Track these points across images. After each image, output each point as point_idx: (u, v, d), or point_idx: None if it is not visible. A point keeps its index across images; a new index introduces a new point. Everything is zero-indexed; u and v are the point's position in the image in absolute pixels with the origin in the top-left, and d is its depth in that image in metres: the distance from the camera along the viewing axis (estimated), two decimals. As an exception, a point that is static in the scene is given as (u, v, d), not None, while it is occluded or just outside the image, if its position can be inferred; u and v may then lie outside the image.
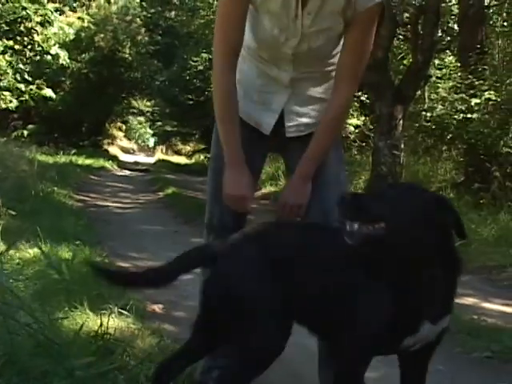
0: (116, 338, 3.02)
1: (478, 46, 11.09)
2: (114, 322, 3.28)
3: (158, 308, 4.26)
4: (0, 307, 2.54)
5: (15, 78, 19.30)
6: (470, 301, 5.27)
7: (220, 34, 2.46)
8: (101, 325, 2.97)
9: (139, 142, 49.10)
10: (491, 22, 12.69)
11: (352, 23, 2.37)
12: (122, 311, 3.50)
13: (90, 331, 3.01)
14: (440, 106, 11.65)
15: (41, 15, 19.78)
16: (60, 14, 21.93)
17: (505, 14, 12.88)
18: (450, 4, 13.20)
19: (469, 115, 10.14)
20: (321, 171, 2.53)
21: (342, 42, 2.47)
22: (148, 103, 32.84)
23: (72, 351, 2.55)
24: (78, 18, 24.54)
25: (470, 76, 10.46)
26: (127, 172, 20.97)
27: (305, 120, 2.57)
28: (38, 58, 20.24)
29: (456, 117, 10.48)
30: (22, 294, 3.10)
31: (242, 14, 2.39)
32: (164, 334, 3.42)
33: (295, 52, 2.43)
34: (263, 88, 2.56)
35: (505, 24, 12.86)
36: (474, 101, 10.12)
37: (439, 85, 13.22)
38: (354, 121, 14.71)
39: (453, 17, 13.35)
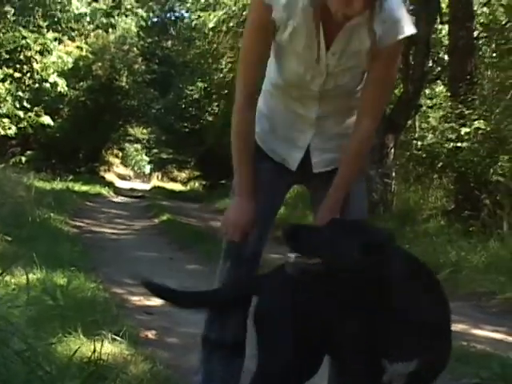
0: (109, 364, 3.02)
1: (468, 76, 11.17)
2: (108, 348, 3.27)
3: (151, 334, 4.25)
4: (-5, 334, 2.55)
5: (14, 105, 19.37)
6: (459, 327, 5.25)
7: (241, 70, 2.48)
8: (94, 351, 2.96)
9: (135, 168, 49.23)
10: (480, 53, 12.79)
11: (375, 58, 2.33)
12: (116, 337, 3.49)
13: (83, 357, 3.00)
14: (431, 135, 11.71)
15: (40, 44, 19.90)
16: (59, 43, 22.03)
17: (494, 46, 12.98)
18: (440, 35, 13.32)
19: (459, 144, 10.18)
20: (346, 204, 2.51)
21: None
22: (144, 131, 32.94)
23: (65, 377, 2.55)
24: (77, 47, 24.64)
25: (460, 105, 10.53)
26: (123, 198, 20.97)
27: (330, 155, 2.55)
28: (37, 85, 20.32)
29: (446, 145, 10.53)
30: (17, 320, 3.08)
31: (265, 50, 2.40)
32: (157, 360, 3.40)
33: (321, 90, 2.42)
34: (290, 125, 2.55)
35: (494, 55, 12.96)
36: (464, 130, 10.17)
37: (430, 114, 13.31)
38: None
39: (443, 48, 13.45)
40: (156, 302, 5.42)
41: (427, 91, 14.26)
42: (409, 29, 2.31)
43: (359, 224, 2.23)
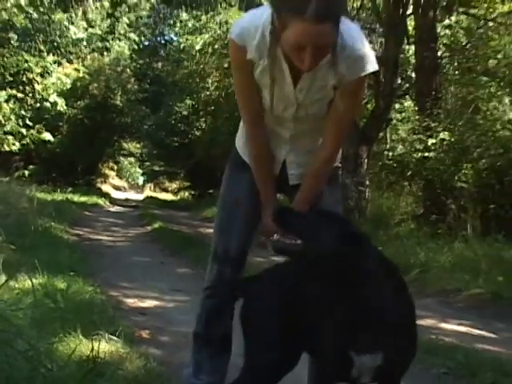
0: (106, 362, 3.01)
1: (433, 92, 11.27)
2: (105, 347, 3.26)
3: (144, 333, 4.23)
4: (0, 335, 2.53)
5: (18, 124, 19.37)
6: (428, 322, 5.28)
7: (240, 102, 2.50)
8: (92, 349, 2.95)
9: (129, 180, 49.02)
10: (444, 71, 12.88)
11: (340, 92, 2.34)
12: (112, 337, 3.47)
13: (82, 355, 2.99)
14: (400, 146, 11.78)
15: (41, 67, 19.93)
16: (58, 66, 22.03)
17: (456, 64, 13.09)
18: (407, 55, 13.40)
19: (426, 154, 10.24)
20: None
21: None
22: (137, 145, 32.85)
23: (66, 374, 2.54)
24: (75, 69, 24.63)
25: (426, 119, 10.60)
26: (118, 208, 20.89)
27: (304, 169, 2.56)
28: (38, 105, 20.32)
29: (415, 155, 10.58)
30: (20, 322, 3.07)
31: (251, 81, 2.40)
32: (150, 358, 3.39)
33: (294, 116, 2.44)
34: (270, 141, 2.57)
35: (456, 73, 13.07)
36: (431, 141, 10.23)
37: (399, 127, 13.39)
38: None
39: (410, 66, 13.54)
40: (149, 303, 5.44)
41: (397, 106, 14.31)
42: (371, 66, 2.30)
43: (340, 216, 2.27)
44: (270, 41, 2.23)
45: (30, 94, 20.14)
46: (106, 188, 30.14)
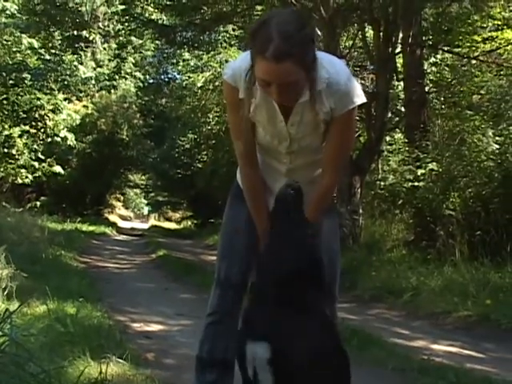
0: (114, 383, 3.00)
1: (422, 125, 11.31)
2: (112, 369, 3.25)
3: (150, 356, 4.21)
4: (12, 359, 2.52)
5: (30, 157, 19.42)
6: (420, 343, 5.27)
7: (234, 140, 2.50)
8: (100, 372, 2.95)
9: (135, 210, 48.95)
10: (432, 105, 12.95)
11: (332, 125, 2.32)
12: (119, 360, 3.46)
13: (91, 378, 2.98)
14: (391, 176, 11.77)
15: (52, 104, 20.06)
16: (68, 103, 22.16)
17: (442, 99, 13.18)
18: (397, 90, 13.49)
19: (416, 183, 10.25)
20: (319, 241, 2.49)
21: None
22: (143, 177, 32.91)
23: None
24: (84, 106, 24.81)
25: (415, 150, 10.63)
26: (125, 237, 20.87)
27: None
28: (50, 139, 20.40)
29: (405, 185, 10.59)
30: (32, 346, 3.06)
31: (246, 122, 2.39)
32: (156, 379, 3.37)
33: (289, 150, 2.45)
34: (266, 175, 2.57)
35: (443, 107, 13.15)
36: (420, 171, 10.25)
37: (390, 158, 13.39)
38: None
39: (400, 101, 13.61)
40: (154, 327, 5.42)
41: (387, 138, 14.34)
42: (359, 99, 2.30)
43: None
44: (249, 79, 2.23)
45: (42, 130, 20.23)
46: (112, 218, 30.10)
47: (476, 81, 12.51)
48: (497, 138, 10.23)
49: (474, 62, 12.33)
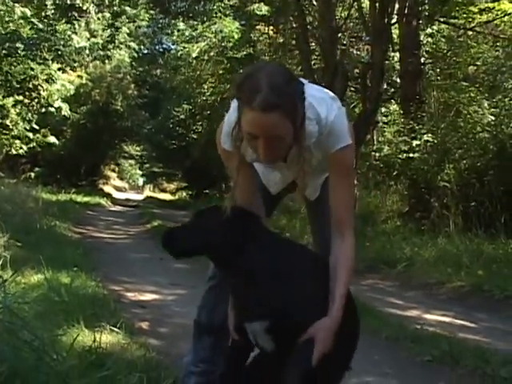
0: (108, 352, 2.99)
1: (417, 96, 11.29)
2: (106, 338, 3.24)
3: (144, 325, 4.22)
4: (7, 327, 2.52)
5: (25, 128, 19.28)
6: (413, 313, 5.30)
7: (232, 182, 2.29)
8: (94, 340, 2.95)
9: (130, 181, 49.00)
10: (427, 77, 12.90)
11: (331, 163, 2.20)
12: (113, 328, 3.46)
13: (85, 346, 2.98)
14: (387, 147, 11.78)
15: (46, 74, 19.85)
16: (62, 73, 21.91)
17: (438, 70, 13.12)
18: (392, 61, 13.41)
19: (411, 155, 10.26)
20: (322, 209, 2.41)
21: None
22: (137, 148, 32.81)
23: (69, 363, 2.53)
24: (78, 76, 24.56)
25: (411, 122, 10.62)
26: (119, 208, 20.87)
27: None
28: (44, 110, 20.21)
29: (400, 156, 10.60)
30: (26, 315, 3.05)
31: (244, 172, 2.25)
32: (150, 348, 3.37)
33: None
34: (264, 178, 2.54)
35: (438, 78, 13.10)
36: (415, 142, 10.26)
37: (385, 129, 13.41)
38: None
39: (395, 72, 13.55)
40: (148, 297, 5.43)
41: (383, 109, 14.33)
42: (344, 140, 2.14)
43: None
44: (236, 134, 2.10)
45: (36, 100, 20.05)
46: (107, 189, 30.07)
47: (472, 52, 12.47)
48: (492, 110, 10.22)
49: (470, 33, 12.27)
